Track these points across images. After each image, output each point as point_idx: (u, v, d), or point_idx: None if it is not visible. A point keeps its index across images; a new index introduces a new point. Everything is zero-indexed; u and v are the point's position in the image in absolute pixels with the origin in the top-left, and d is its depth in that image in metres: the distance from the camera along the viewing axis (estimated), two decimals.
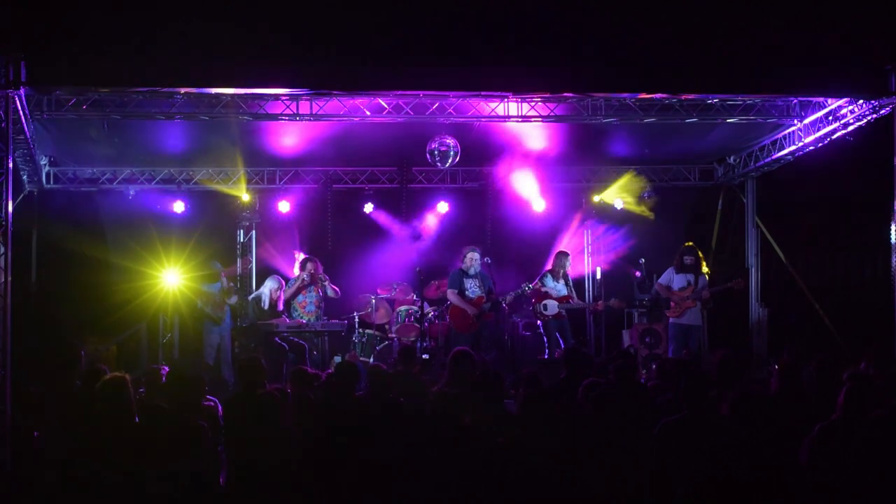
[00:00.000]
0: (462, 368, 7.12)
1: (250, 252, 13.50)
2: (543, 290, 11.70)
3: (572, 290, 11.85)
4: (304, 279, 11.47)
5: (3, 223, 8.34)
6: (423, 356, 10.78)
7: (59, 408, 6.30)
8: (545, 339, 11.66)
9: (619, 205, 13.46)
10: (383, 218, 13.40)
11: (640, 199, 13.23)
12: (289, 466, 5.77)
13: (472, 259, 11.29)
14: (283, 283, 11.50)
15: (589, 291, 13.88)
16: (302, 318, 11.38)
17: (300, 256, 12.20)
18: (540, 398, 5.86)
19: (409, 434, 5.81)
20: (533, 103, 9.91)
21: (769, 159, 11.74)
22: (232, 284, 11.67)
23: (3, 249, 8.45)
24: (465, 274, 11.29)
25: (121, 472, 5.23)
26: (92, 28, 8.11)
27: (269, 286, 11.37)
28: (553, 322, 11.58)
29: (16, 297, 8.70)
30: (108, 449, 5.31)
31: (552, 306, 11.59)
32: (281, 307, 11.35)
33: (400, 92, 9.35)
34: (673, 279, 11.35)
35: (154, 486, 5.23)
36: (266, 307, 11.21)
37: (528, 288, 11.46)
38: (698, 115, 10.04)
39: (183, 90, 9.06)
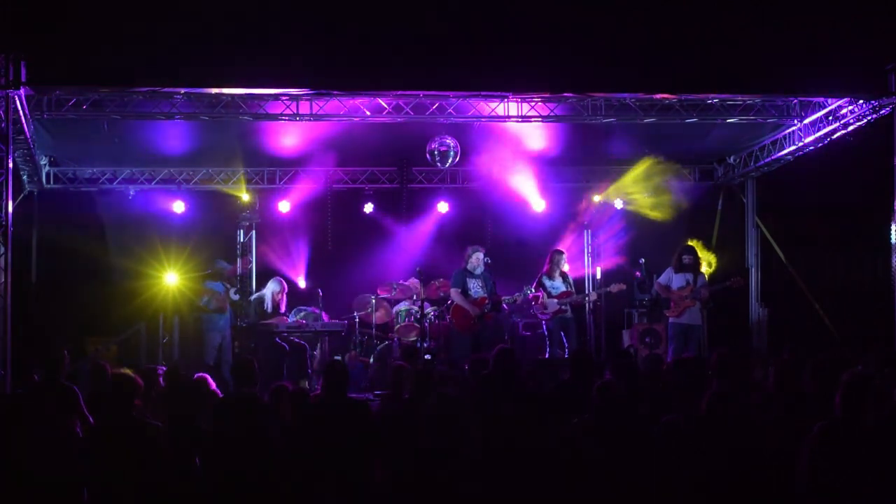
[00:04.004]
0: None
1: (250, 252, 13.50)
2: (542, 290, 11.65)
3: (571, 286, 11.78)
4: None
5: (3, 223, 8.36)
6: (426, 356, 10.76)
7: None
8: (547, 339, 11.62)
9: (619, 205, 13.46)
10: (383, 218, 13.39)
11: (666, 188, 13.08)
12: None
13: (478, 259, 11.18)
14: (286, 285, 11.48)
15: (589, 289, 13.86)
16: None
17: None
18: (539, 398, 5.87)
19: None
20: (533, 103, 9.91)
21: (769, 159, 11.74)
22: (229, 286, 11.64)
23: (3, 249, 8.47)
24: (469, 273, 11.22)
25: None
26: (92, 28, 8.12)
27: (271, 288, 11.33)
28: (556, 320, 11.51)
29: (16, 297, 8.73)
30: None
31: (551, 304, 11.54)
32: (283, 309, 11.33)
33: (400, 92, 9.37)
34: (672, 279, 11.33)
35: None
36: (269, 309, 11.19)
37: (530, 291, 11.44)
38: (698, 115, 10.05)
39: (183, 90, 9.07)
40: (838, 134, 10.00)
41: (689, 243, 11.86)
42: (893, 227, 9.06)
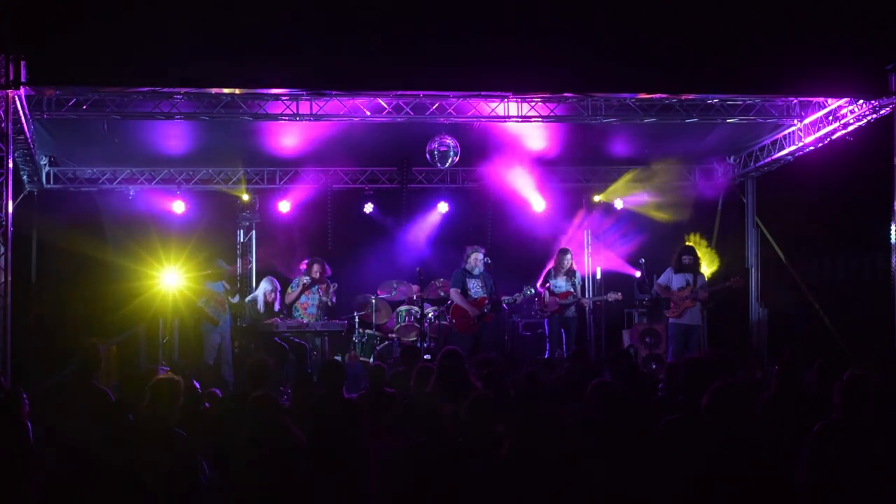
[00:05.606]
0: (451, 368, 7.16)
1: (250, 252, 13.49)
2: (546, 287, 11.68)
3: (575, 286, 11.78)
4: (304, 282, 11.43)
5: (3, 223, 8.35)
6: (426, 356, 10.75)
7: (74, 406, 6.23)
8: (547, 338, 11.64)
9: (619, 205, 13.46)
10: (383, 218, 13.39)
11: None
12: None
13: (476, 259, 11.21)
14: (278, 284, 11.46)
15: (589, 291, 13.88)
16: (302, 318, 11.36)
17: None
18: (539, 397, 5.86)
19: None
20: (533, 103, 9.91)
21: (769, 159, 11.74)
22: (227, 286, 11.63)
23: (3, 249, 8.46)
24: (468, 274, 11.23)
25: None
26: (92, 28, 8.12)
27: (263, 288, 11.33)
28: (556, 319, 11.53)
29: (16, 297, 8.72)
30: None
31: (552, 303, 11.58)
32: (277, 307, 11.31)
33: (400, 92, 9.37)
34: (671, 279, 11.34)
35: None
36: (262, 310, 11.17)
37: (530, 291, 11.45)
38: (698, 115, 10.05)
39: (183, 90, 9.07)
40: (838, 134, 10.00)
41: (689, 243, 11.87)
42: (893, 227, 9.06)
